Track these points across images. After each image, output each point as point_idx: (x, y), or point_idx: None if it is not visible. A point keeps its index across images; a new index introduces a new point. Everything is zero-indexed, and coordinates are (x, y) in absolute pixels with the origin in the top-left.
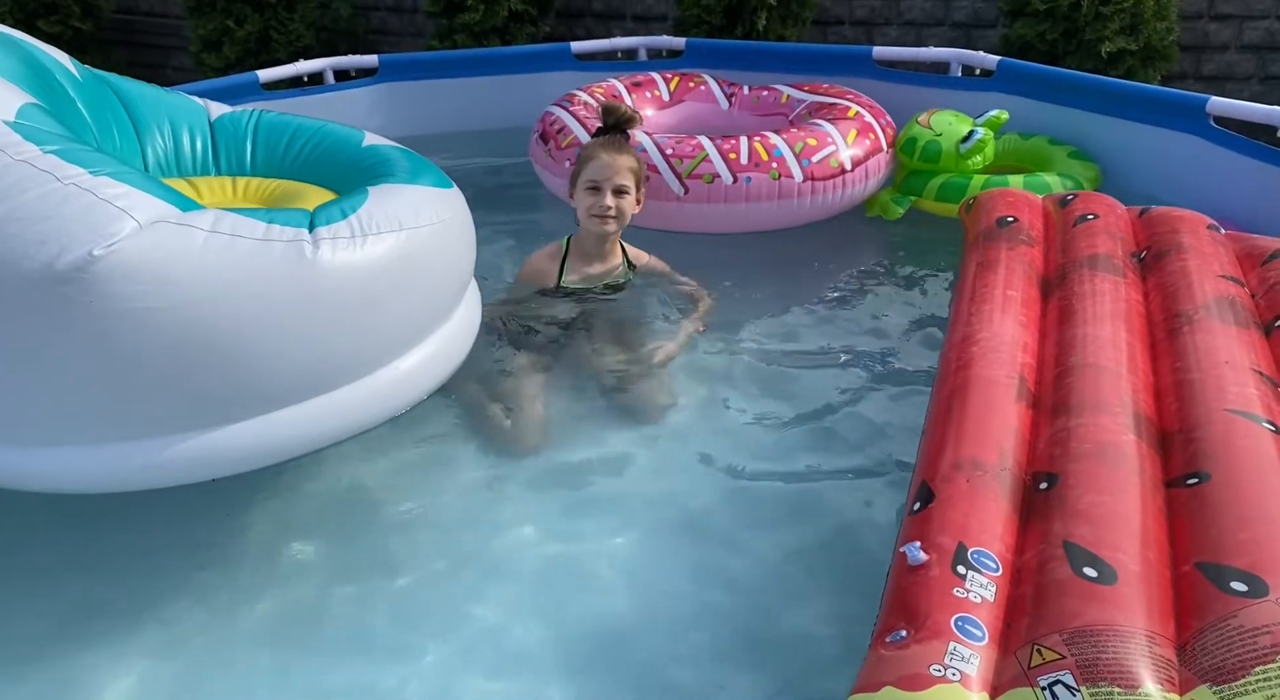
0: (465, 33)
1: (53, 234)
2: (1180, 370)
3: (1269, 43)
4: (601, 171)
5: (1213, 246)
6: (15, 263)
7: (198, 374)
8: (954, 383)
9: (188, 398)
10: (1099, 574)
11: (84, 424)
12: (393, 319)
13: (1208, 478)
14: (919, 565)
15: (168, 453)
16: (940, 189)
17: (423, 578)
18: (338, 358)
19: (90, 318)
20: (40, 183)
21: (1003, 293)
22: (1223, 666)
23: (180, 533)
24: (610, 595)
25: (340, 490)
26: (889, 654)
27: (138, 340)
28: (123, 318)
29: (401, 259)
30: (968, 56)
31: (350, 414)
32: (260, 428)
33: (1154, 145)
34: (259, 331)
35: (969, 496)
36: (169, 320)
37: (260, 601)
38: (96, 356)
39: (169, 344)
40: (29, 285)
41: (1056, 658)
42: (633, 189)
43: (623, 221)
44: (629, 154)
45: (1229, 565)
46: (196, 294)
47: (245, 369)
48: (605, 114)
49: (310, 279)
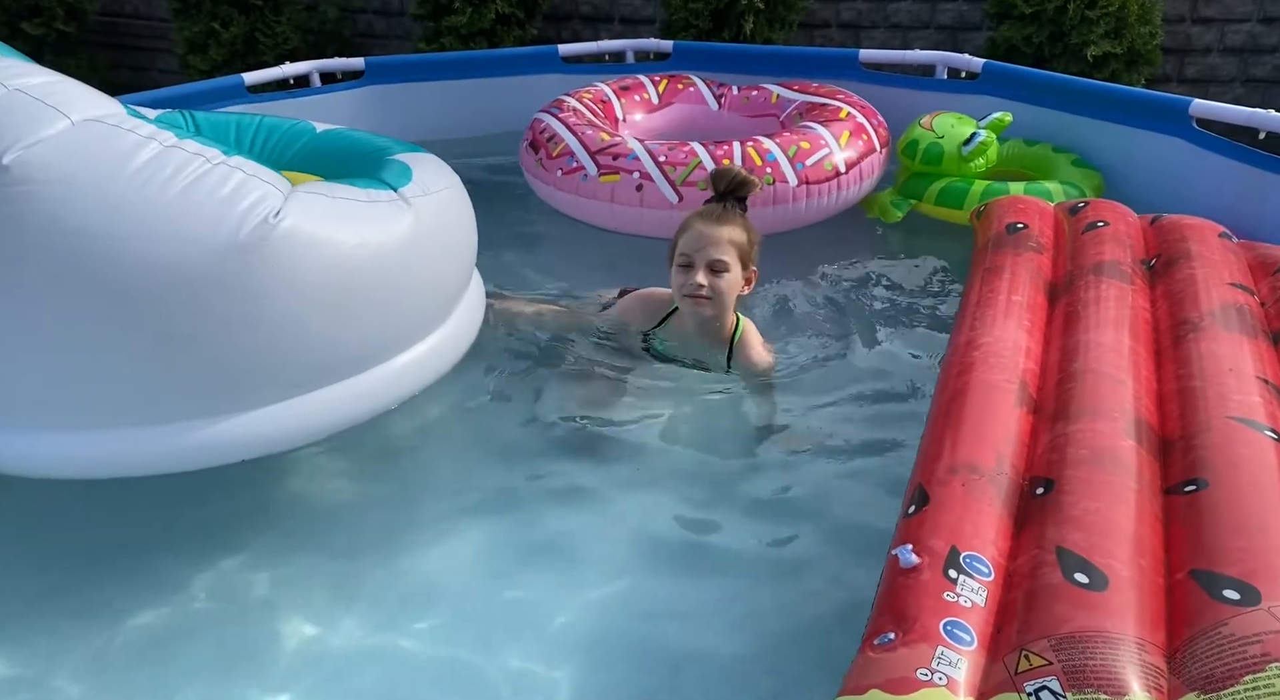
0: (452, 35)
1: (228, 211)
2: (1184, 377)
3: (1251, 46)
4: (693, 243)
5: (1223, 254)
6: (205, 237)
7: (347, 330)
8: (955, 387)
9: (320, 356)
10: (1090, 580)
11: (234, 384)
12: (460, 266)
13: (1206, 485)
14: (910, 568)
15: (302, 407)
16: (941, 193)
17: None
18: (432, 308)
19: (270, 282)
20: (196, 165)
21: (1007, 298)
22: (1212, 675)
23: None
24: (594, 589)
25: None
26: (876, 656)
27: (306, 302)
28: (294, 281)
29: (460, 210)
30: (953, 59)
31: (419, 372)
32: (376, 379)
33: (1137, 147)
34: (389, 285)
35: (963, 500)
36: (330, 280)
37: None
38: (272, 322)
39: (333, 302)
40: (218, 256)
41: (1044, 664)
42: (735, 265)
43: (720, 303)
44: (735, 225)
45: (1222, 573)
46: (347, 254)
47: (375, 323)
48: (714, 180)
49: (414, 231)
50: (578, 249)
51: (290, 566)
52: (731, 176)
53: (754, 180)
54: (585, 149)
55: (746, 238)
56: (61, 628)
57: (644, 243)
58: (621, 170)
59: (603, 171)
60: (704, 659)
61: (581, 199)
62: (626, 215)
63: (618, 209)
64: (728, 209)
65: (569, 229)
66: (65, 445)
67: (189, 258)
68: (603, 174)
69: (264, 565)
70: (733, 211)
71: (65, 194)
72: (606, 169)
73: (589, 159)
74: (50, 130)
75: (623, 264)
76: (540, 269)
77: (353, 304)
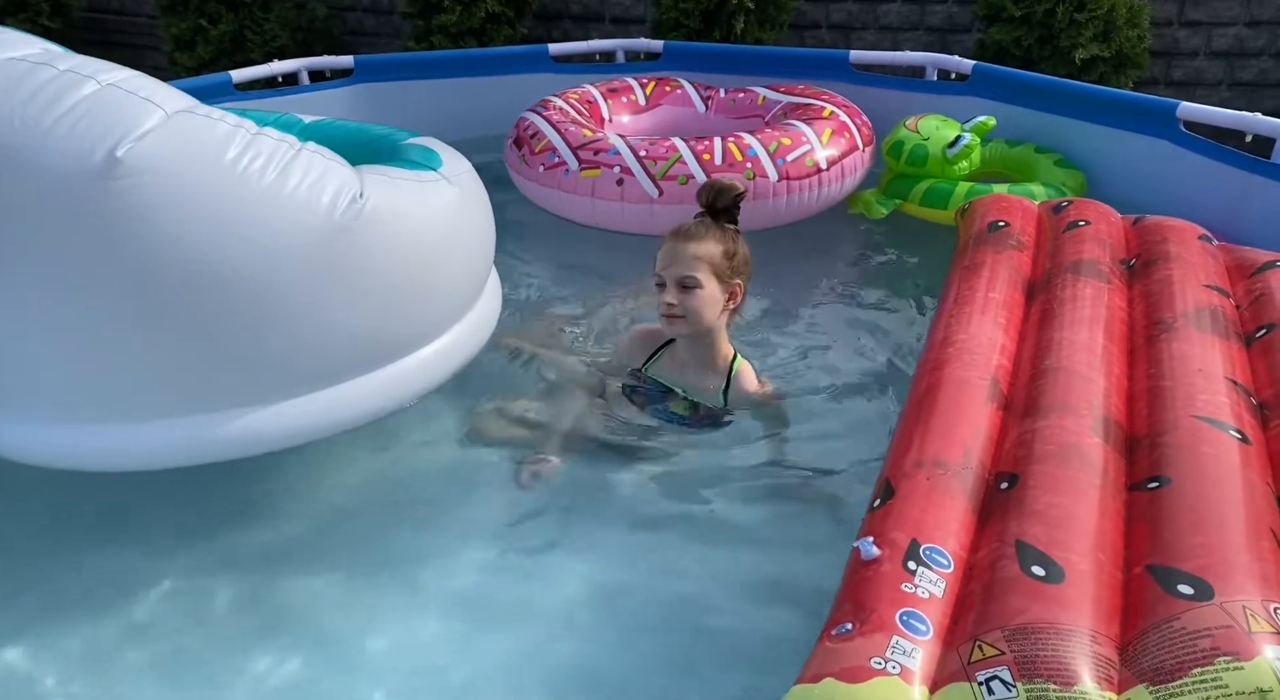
0: (442, 34)
1: (320, 194)
2: (1154, 377)
3: (1237, 49)
4: (663, 261)
5: (1201, 257)
6: (303, 220)
7: (420, 306)
8: (928, 383)
9: (397, 333)
10: (1046, 573)
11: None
12: (491, 242)
13: (1169, 482)
14: (871, 560)
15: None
16: (925, 194)
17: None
18: (477, 282)
19: (362, 261)
20: (283, 151)
21: (985, 295)
22: (1161, 667)
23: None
24: (573, 588)
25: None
26: (833, 646)
27: (390, 279)
28: (381, 259)
29: (482, 189)
30: (943, 61)
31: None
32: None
33: (1125, 150)
34: (449, 259)
35: (927, 494)
36: (408, 256)
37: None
38: (363, 300)
39: (412, 278)
40: (318, 239)
41: (996, 654)
42: (708, 281)
43: (696, 322)
44: (708, 239)
45: (1178, 568)
46: (419, 231)
47: (438, 298)
48: (698, 196)
49: (461, 207)
50: (565, 248)
51: (257, 575)
52: (708, 189)
53: (732, 185)
54: (567, 144)
55: (722, 250)
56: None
57: (626, 238)
58: (602, 165)
59: (583, 166)
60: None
61: (563, 194)
62: (607, 210)
63: (599, 204)
64: (702, 223)
65: (557, 228)
66: (159, 435)
67: (290, 241)
68: (583, 169)
69: (231, 571)
70: (711, 225)
71: (173, 184)
72: (587, 164)
73: (570, 154)
74: (151, 122)
75: (606, 262)
76: (529, 269)
77: (426, 279)
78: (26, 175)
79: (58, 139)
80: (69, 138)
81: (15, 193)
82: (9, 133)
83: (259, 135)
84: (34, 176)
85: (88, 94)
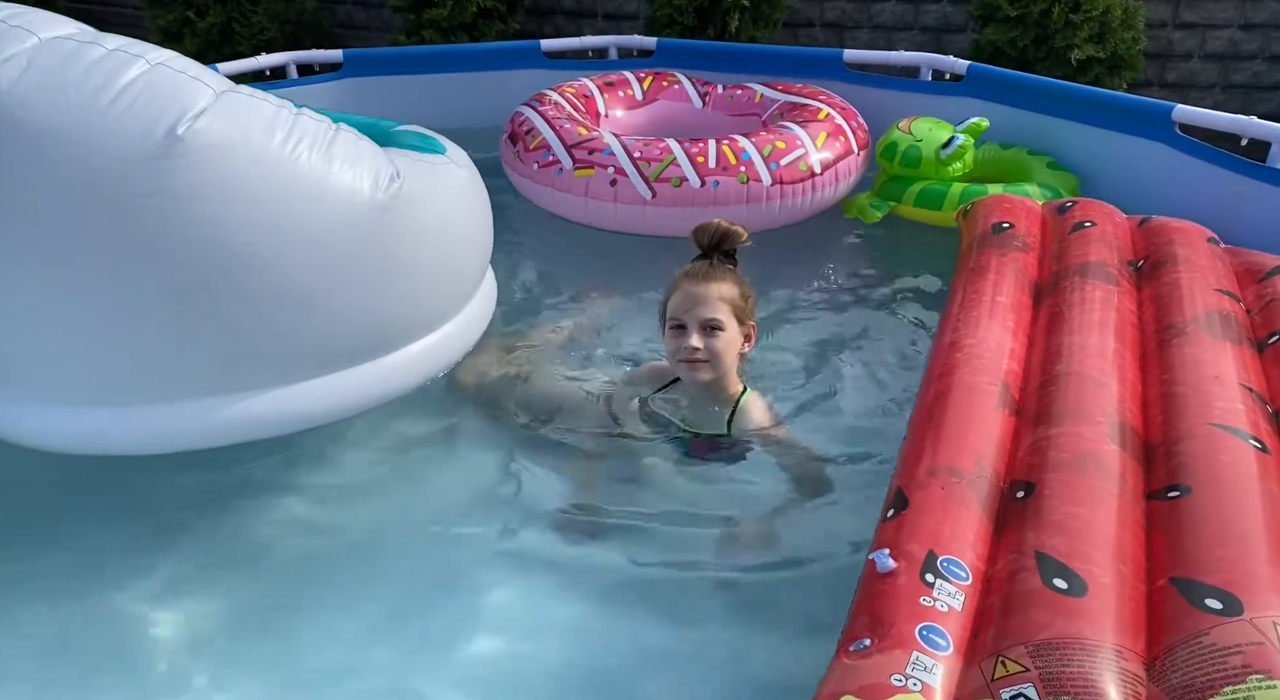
0: (433, 28)
1: (363, 173)
2: (1167, 383)
3: (1231, 52)
4: (683, 305)
5: (1210, 260)
6: (351, 198)
7: (442, 284)
8: (937, 388)
9: (423, 311)
10: (1069, 586)
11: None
12: (491, 225)
13: (1188, 491)
14: (887, 573)
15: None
16: (919, 195)
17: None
18: (483, 266)
19: (399, 238)
20: (324, 131)
21: (992, 299)
22: (1192, 684)
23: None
24: (580, 603)
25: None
26: (851, 663)
27: (422, 256)
28: (415, 237)
29: (479, 176)
30: (938, 61)
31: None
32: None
33: (1120, 152)
34: (465, 242)
35: (943, 504)
36: (436, 235)
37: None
38: (399, 276)
39: (439, 255)
40: (363, 215)
41: (1020, 670)
42: (730, 322)
43: (719, 365)
44: (725, 281)
45: (1204, 582)
46: (444, 211)
47: (458, 276)
48: (696, 236)
49: (470, 189)
50: (558, 247)
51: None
52: (712, 231)
53: (738, 231)
54: (562, 142)
55: (739, 292)
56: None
57: (619, 238)
58: (596, 165)
59: (578, 166)
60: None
61: (557, 193)
62: (600, 211)
63: (592, 204)
64: (715, 265)
65: (549, 226)
66: (200, 415)
67: (337, 220)
68: (578, 168)
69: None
70: (720, 267)
71: (228, 161)
72: (582, 163)
73: (565, 153)
74: (204, 101)
75: (601, 263)
76: (523, 266)
77: (451, 256)
78: (86, 154)
79: (115, 118)
80: (127, 117)
81: (74, 172)
82: (66, 112)
83: (300, 115)
84: (93, 156)
85: (140, 73)
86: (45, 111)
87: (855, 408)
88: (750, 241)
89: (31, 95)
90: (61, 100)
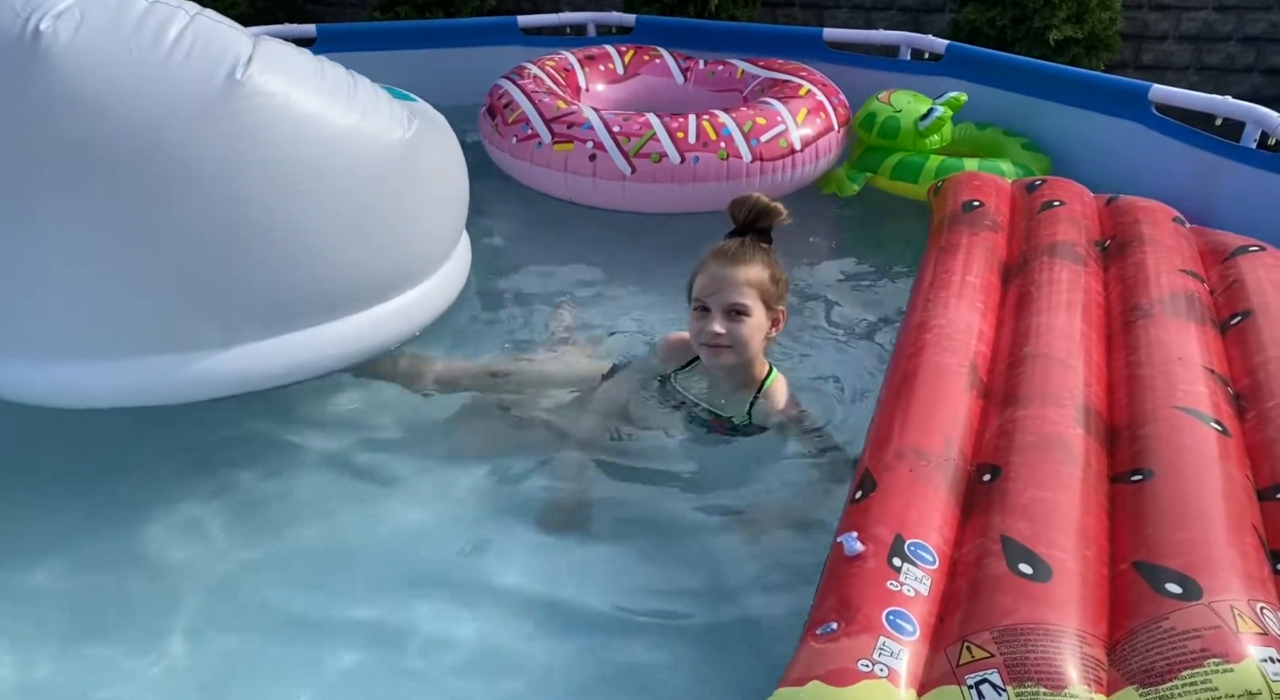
0: (408, 4)
1: (396, 112)
2: (1132, 365)
3: (1206, 33)
4: (708, 286)
5: (1175, 240)
6: (385, 136)
7: (445, 219)
8: (905, 369)
9: (432, 249)
10: (1034, 571)
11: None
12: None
13: (1151, 475)
14: (855, 556)
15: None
16: (896, 167)
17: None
18: (454, 225)
19: (419, 174)
20: (346, 79)
21: (961, 279)
22: (1151, 669)
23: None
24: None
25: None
26: (819, 647)
27: (435, 192)
28: (429, 175)
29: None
30: (917, 40)
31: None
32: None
33: (1097, 132)
34: (458, 185)
35: (910, 486)
36: (446, 174)
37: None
38: (417, 210)
39: (449, 194)
40: (396, 151)
41: (985, 656)
42: (756, 307)
43: (742, 351)
44: (755, 263)
45: (1165, 566)
46: (450, 151)
47: (457, 214)
48: (733, 209)
49: (450, 137)
50: (538, 223)
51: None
52: (749, 207)
53: (776, 209)
54: (540, 116)
55: (769, 275)
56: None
57: (598, 214)
58: (575, 139)
59: (557, 140)
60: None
61: (536, 167)
62: (579, 185)
63: (571, 178)
64: (746, 245)
65: (529, 204)
66: (243, 359)
67: (381, 157)
68: (556, 142)
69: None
70: (753, 247)
71: (284, 102)
72: (561, 137)
73: (544, 126)
74: (248, 48)
75: (579, 240)
76: (503, 245)
77: (453, 193)
78: (150, 104)
79: (175, 68)
80: (186, 66)
81: (140, 122)
82: (127, 64)
83: (329, 66)
84: (157, 105)
85: (185, 24)
86: (108, 65)
87: (825, 387)
88: (790, 219)
89: (91, 48)
90: (123, 53)
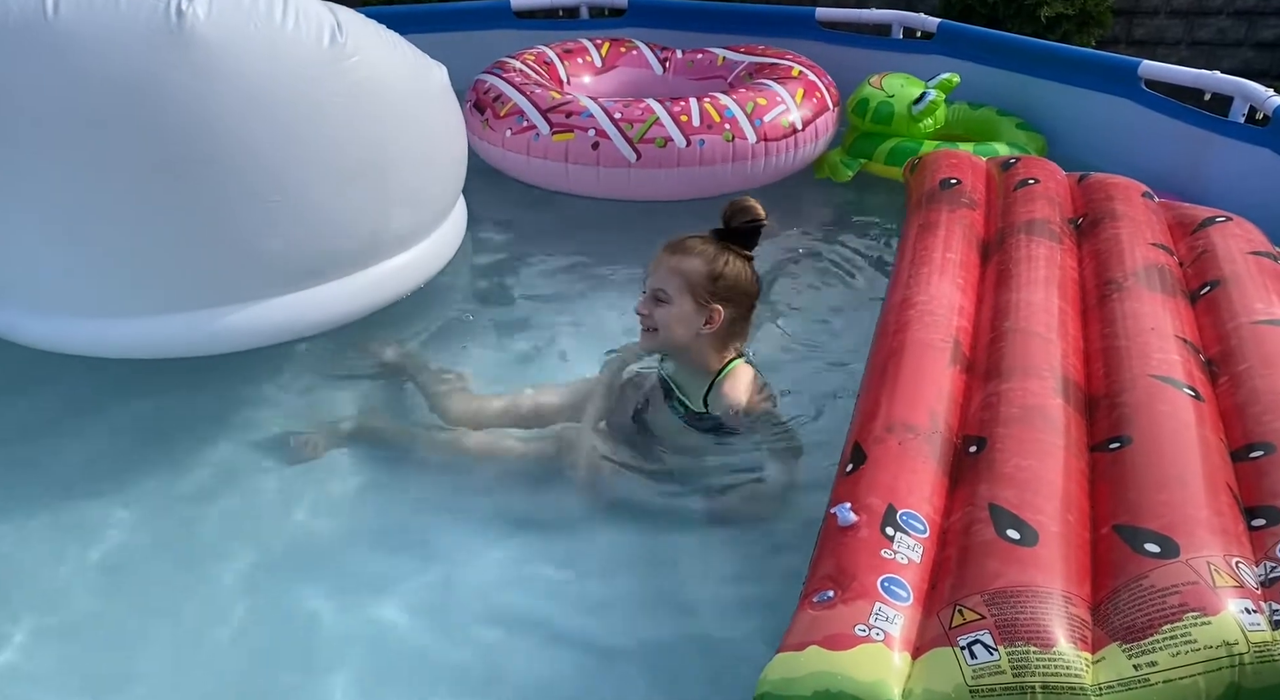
0: None
1: (428, 68)
2: (1109, 336)
3: (1197, 8)
4: (648, 269)
5: (1146, 214)
6: (422, 91)
7: (453, 176)
8: (890, 345)
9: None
10: (1021, 536)
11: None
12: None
13: (1129, 442)
14: (848, 526)
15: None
16: (890, 153)
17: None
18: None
19: (441, 123)
20: (386, 33)
21: (942, 256)
22: (1133, 625)
23: None
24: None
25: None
26: (815, 613)
27: (448, 147)
28: (445, 127)
29: None
30: (909, 19)
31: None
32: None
33: (1088, 108)
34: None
35: (899, 458)
36: (456, 130)
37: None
38: (434, 159)
39: (457, 150)
40: (427, 103)
41: (976, 618)
42: (679, 298)
43: (662, 338)
44: (695, 257)
45: (1144, 527)
46: (453, 105)
47: (459, 173)
48: (726, 215)
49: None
50: (529, 215)
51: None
52: (727, 206)
53: (753, 208)
54: (536, 107)
55: (708, 271)
56: None
57: (602, 204)
58: (576, 128)
59: (556, 130)
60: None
61: (534, 160)
62: (582, 175)
63: (573, 169)
64: (699, 239)
65: (521, 195)
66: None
67: (422, 112)
68: (556, 132)
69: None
70: (708, 243)
71: (374, 62)
72: (560, 127)
73: (540, 117)
74: (329, 13)
75: (576, 230)
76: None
77: (461, 149)
78: (279, 71)
79: (289, 32)
80: (298, 29)
81: (268, 89)
82: (254, 28)
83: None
84: (285, 72)
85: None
86: (243, 38)
87: (818, 364)
88: (770, 224)
89: (227, 23)
90: (249, 27)
